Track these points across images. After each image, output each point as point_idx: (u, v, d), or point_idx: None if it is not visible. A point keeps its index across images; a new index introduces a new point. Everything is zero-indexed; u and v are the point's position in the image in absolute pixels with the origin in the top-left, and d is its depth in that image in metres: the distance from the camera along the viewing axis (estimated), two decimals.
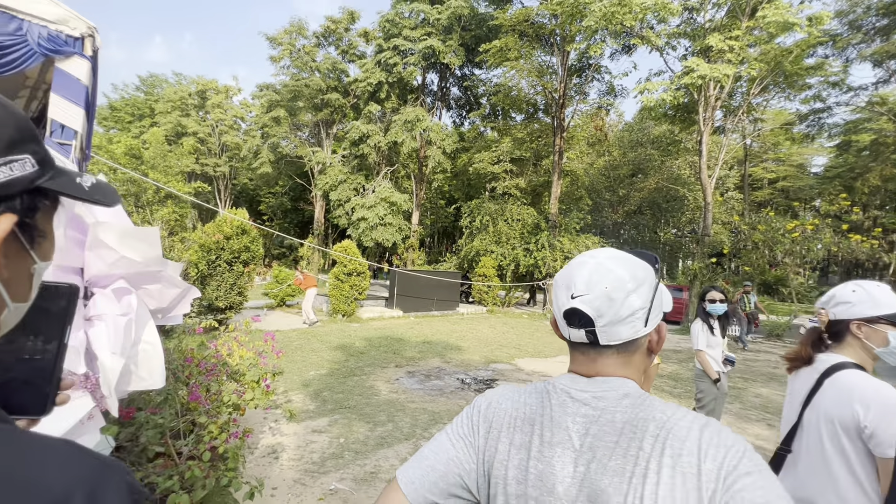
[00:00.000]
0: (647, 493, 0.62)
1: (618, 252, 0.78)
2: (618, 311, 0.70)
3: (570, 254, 16.22)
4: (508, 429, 0.76)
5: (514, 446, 0.74)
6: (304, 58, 26.08)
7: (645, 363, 0.79)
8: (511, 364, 7.81)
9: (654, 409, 0.69)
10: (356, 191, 23.53)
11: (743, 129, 24.04)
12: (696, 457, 0.63)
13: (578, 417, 0.71)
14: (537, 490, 0.70)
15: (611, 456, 0.66)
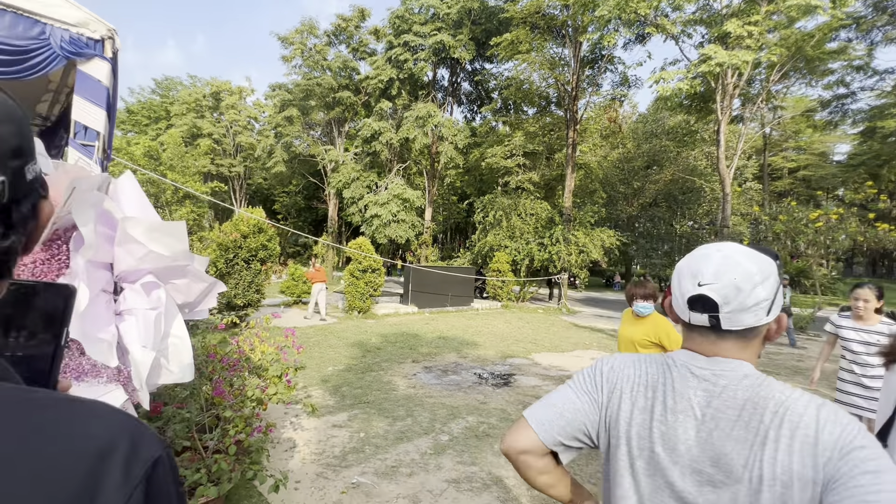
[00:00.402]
0: (767, 457, 0.72)
1: (743, 247, 0.86)
2: (744, 300, 0.79)
3: (585, 247, 16.04)
4: (631, 392, 0.88)
5: (637, 408, 0.86)
6: (315, 57, 26.20)
7: (759, 349, 0.86)
8: (528, 359, 7.77)
9: (773, 388, 0.78)
10: (369, 188, 23.62)
11: (762, 117, 23.45)
12: (813, 429, 0.72)
13: (700, 391, 0.82)
14: (660, 447, 0.82)
15: (733, 426, 0.76)
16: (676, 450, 0.80)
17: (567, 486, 0.99)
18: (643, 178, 28.15)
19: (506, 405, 5.20)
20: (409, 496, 3.14)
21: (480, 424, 4.55)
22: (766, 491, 0.72)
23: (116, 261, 1.35)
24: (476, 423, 4.59)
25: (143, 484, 0.34)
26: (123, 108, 38.04)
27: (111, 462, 0.33)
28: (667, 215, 28.63)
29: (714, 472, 0.77)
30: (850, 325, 3.27)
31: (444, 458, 3.77)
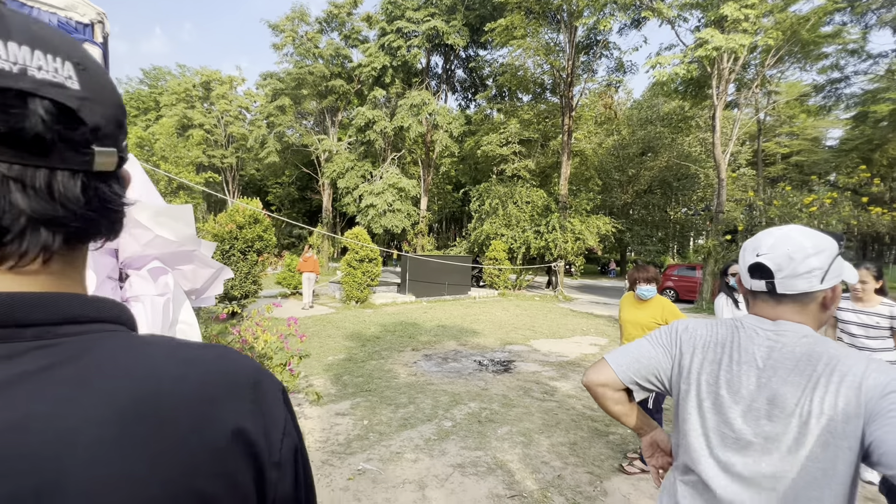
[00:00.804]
0: (816, 398, 0.89)
1: (805, 228, 1.01)
2: (796, 268, 0.95)
3: (582, 235, 16.06)
4: (702, 348, 1.06)
5: (707, 361, 1.05)
6: (306, 45, 25.75)
7: (820, 316, 1.00)
8: (527, 345, 7.81)
9: (828, 346, 0.94)
10: (364, 178, 23.44)
11: (756, 102, 23.42)
12: (859, 377, 0.87)
13: (763, 347, 0.99)
14: (724, 391, 1.00)
15: (789, 373, 0.93)
16: (739, 392, 0.98)
17: (636, 417, 1.19)
18: (638, 165, 28.15)
19: (507, 391, 5.24)
20: (416, 481, 3.17)
21: (483, 410, 4.58)
22: (813, 423, 0.88)
23: (121, 247, 1.32)
24: (478, 408, 4.62)
25: (284, 403, 0.45)
26: None
27: (263, 387, 0.43)
28: (661, 202, 28.72)
29: (770, 409, 0.94)
30: (849, 308, 3.20)
31: (448, 443, 3.79)
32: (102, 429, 0.33)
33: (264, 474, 0.40)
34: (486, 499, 2.98)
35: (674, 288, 16.05)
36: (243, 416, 0.40)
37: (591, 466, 3.47)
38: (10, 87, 0.33)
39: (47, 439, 0.31)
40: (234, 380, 0.41)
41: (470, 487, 3.11)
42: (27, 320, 0.35)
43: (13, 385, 0.32)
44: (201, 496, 0.35)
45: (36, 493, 0.29)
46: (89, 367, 0.35)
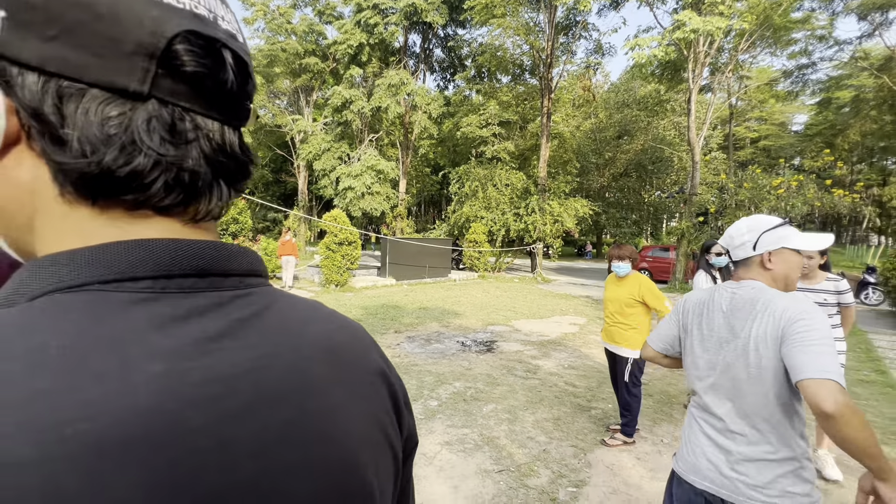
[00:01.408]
0: (754, 328, 1.35)
1: (754, 216, 1.52)
2: (733, 242, 1.52)
3: (560, 217, 16.23)
4: (692, 308, 1.60)
5: (695, 315, 1.56)
6: (278, 20, 24.71)
7: (764, 273, 1.46)
8: (509, 325, 7.91)
9: (767, 292, 1.39)
10: (341, 160, 22.92)
11: (729, 87, 23.91)
12: (779, 311, 1.32)
13: (727, 298, 1.48)
14: (707, 329, 1.50)
15: (740, 311, 1.41)
16: (713, 327, 1.48)
17: (675, 363, 1.72)
18: (615, 149, 28.49)
19: (491, 370, 5.30)
20: None
21: (468, 389, 4.63)
22: (751, 343, 1.35)
23: None
24: (463, 388, 4.67)
25: None
26: None
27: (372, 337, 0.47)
28: (636, 185, 29.25)
29: (728, 336, 1.43)
30: (798, 287, 3.17)
31: (435, 422, 3.82)
32: (322, 367, 0.37)
33: (401, 412, 0.45)
34: (474, 474, 3.03)
35: (648, 269, 16.47)
36: (384, 364, 0.45)
37: (575, 440, 3.56)
38: (215, 38, 0.33)
39: (285, 377, 0.34)
40: (362, 332, 0.46)
41: (458, 464, 3.16)
42: (230, 269, 0.37)
43: (237, 330, 0.34)
44: (381, 424, 0.41)
45: (287, 422, 0.33)
46: (285, 315, 0.39)
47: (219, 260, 0.36)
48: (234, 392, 0.31)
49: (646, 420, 3.95)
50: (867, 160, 34.17)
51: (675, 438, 3.63)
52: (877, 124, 27.04)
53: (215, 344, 0.32)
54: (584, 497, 2.82)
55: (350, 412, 0.38)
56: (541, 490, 2.87)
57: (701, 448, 1.45)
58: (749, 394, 1.34)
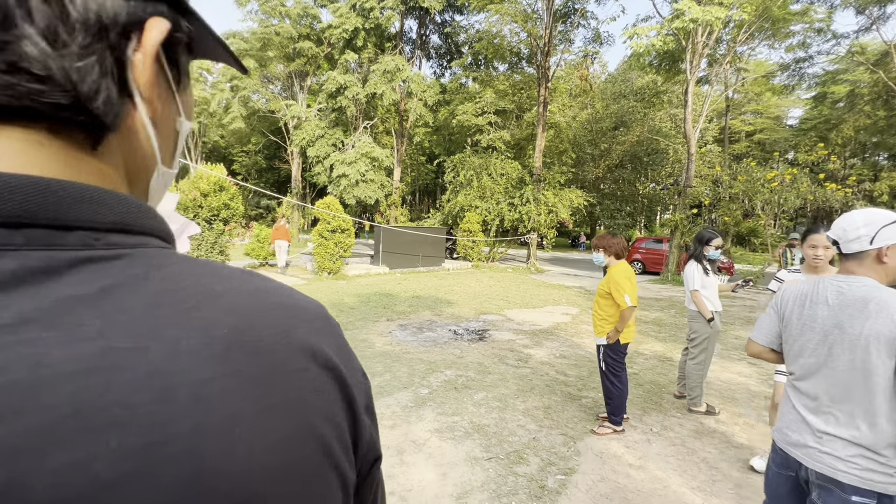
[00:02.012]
0: (867, 326, 1.41)
1: (870, 209, 1.53)
2: (848, 235, 1.51)
3: (555, 207, 16.21)
4: (793, 299, 1.68)
5: (796, 304, 1.65)
6: (272, 2, 24.19)
7: (878, 267, 1.49)
8: (501, 315, 7.91)
9: (880, 292, 1.43)
10: (335, 147, 22.66)
11: (726, 79, 23.85)
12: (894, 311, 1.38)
13: (833, 292, 1.54)
14: (808, 319, 1.58)
15: (849, 307, 1.47)
16: (816, 320, 1.56)
17: (780, 359, 1.76)
18: (610, 140, 28.40)
19: (482, 359, 5.30)
20: (393, 447, 3.17)
21: (459, 377, 4.62)
22: (862, 341, 1.41)
23: None
24: (454, 376, 4.66)
25: None
26: None
27: (333, 322, 0.37)
28: (631, 176, 29.23)
29: (833, 329, 1.50)
30: (804, 280, 3.08)
31: (426, 410, 3.81)
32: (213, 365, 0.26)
33: (357, 419, 0.35)
34: (463, 462, 3.02)
35: (641, 260, 16.55)
36: (336, 355, 0.34)
37: (565, 428, 3.57)
38: None
39: (139, 385, 0.24)
40: (310, 312, 0.35)
41: (448, 451, 3.15)
42: (72, 220, 0.27)
43: (63, 314, 0.24)
44: (320, 439, 0.30)
45: (129, 454, 0.22)
46: (166, 289, 0.28)
47: (48, 205, 0.25)
48: (24, 412, 0.21)
49: (635, 409, 3.97)
50: (860, 155, 34.38)
51: (664, 427, 3.65)
52: (870, 119, 27.15)
53: (9, 335, 0.22)
54: (572, 484, 2.82)
55: (259, 428, 0.27)
56: (530, 477, 2.88)
57: (794, 422, 1.61)
58: (847, 383, 1.45)
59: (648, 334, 6.86)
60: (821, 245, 2.78)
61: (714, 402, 4.12)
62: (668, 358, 5.61)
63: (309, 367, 0.31)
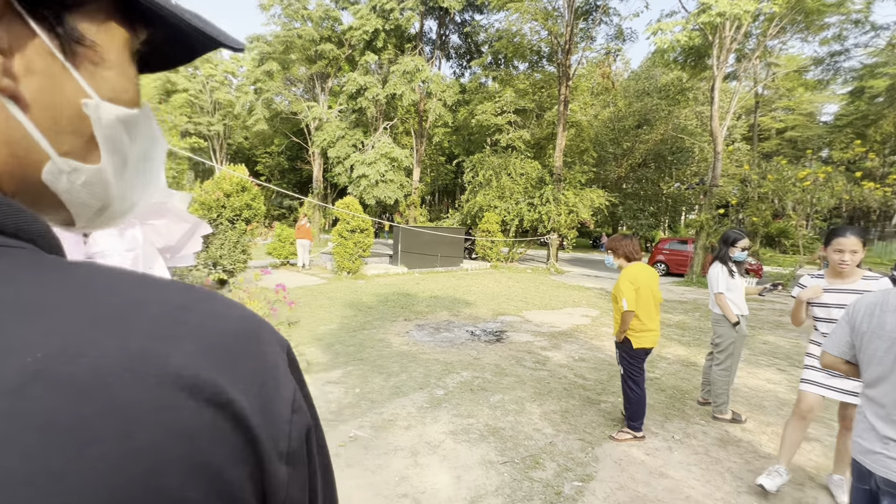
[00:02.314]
0: None
1: None
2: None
3: (575, 207, 15.97)
4: (865, 309, 1.71)
5: (866, 314, 1.69)
6: (294, 5, 24.61)
7: None
8: (519, 316, 7.83)
9: None
10: (355, 147, 22.90)
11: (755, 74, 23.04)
12: None
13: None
14: (877, 328, 1.63)
15: None
16: (884, 328, 1.61)
17: (854, 370, 1.78)
18: (633, 138, 27.82)
19: (499, 360, 5.24)
20: (408, 448, 3.16)
21: (475, 379, 4.58)
22: None
23: None
24: (471, 377, 4.62)
25: (289, 365, 0.33)
26: None
27: (267, 344, 0.31)
28: (655, 176, 28.57)
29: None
30: (827, 287, 2.68)
31: (441, 411, 3.78)
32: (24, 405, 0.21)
33: (266, 470, 0.28)
34: (478, 465, 2.98)
35: (665, 261, 16.15)
36: (231, 384, 0.27)
37: (583, 433, 3.49)
38: None
39: None
40: (213, 331, 0.28)
41: (462, 454, 3.11)
42: None
43: None
44: (173, 499, 0.23)
45: None
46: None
47: None
48: None
49: (657, 415, 3.85)
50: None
51: (686, 435, 3.53)
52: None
53: None
54: (589, 492, 2.75)
55: (47, 493, 0.20)
56: (545, 483, 2.82)
57: (865, 430, 1.65)
58: None
59: (671, 338, 6.67)
60: (848, 249, 2.51)
61: (740, 410, 3.96)
62: (691, 363, 5.44)
63: (178, 404, 0.24)
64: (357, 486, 2.68)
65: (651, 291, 3.38)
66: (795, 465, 3.07)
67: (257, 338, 0.30)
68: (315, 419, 0.34)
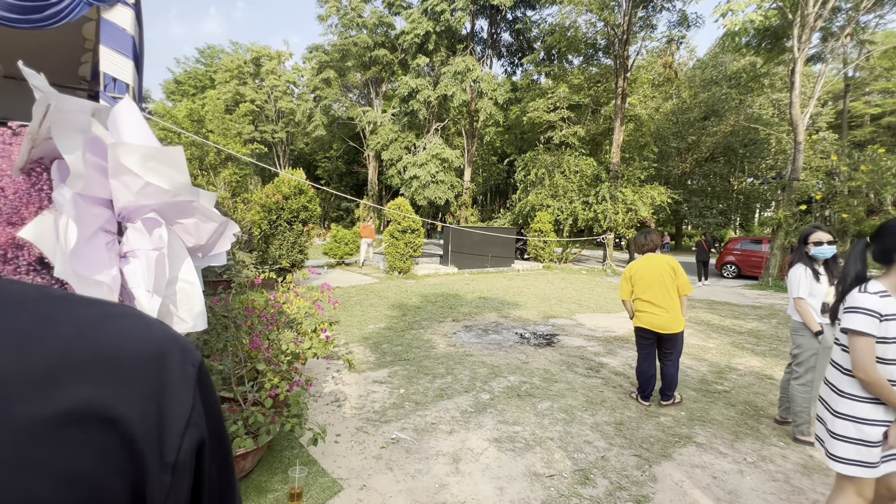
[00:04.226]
0: None
1: None
2: None
3: (634, 206, 15.15)
4: None
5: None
6: (350, 14, 25.49)
7: None
8: (571, 319, 7.50)
9: None
10: (407, 149, 23.28)
11: (845, 55, 20.68)
12: None
13: None
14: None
15: None
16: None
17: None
18: (699, 131, 25.99)
19: (549, 365, 5.02)
20: (450, 454, 3.07)
21: (522, 384, 4.40)
22: None
23: (114, 196, 1.20)
24: (518, 382, 4.45)
25: (196, 383, 0.36)
26: (172, 80, 39.18)
27: (170, 363, 0.34)
28: (724, 170, 26.51)
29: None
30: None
31: (485, 416, 3.66)
32: None
33: (149, 479, 0.30)
34: (522, 476, 2.83)
35: (735, 263, 14.89)
36: (118, 405, 0.29)
37: (639, 449, 3.22)
38: None
39: None
40: (114, 352, 0.30)
41: (506, 463, 2.97)
42: None
43: None
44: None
45: None
46: None
47: None
48: None
49: (725, 433, 3.48)
50: None
51: (761, 458, 3.15)
52: None
53: None
54: None
55: None
56: (596, 501, 2.61)
57: None
58: None
59: (743, 347, 6.07)
60: None
61: None
62: (767, 375, 4.90)
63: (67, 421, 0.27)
64: (396, 492, 2.63)
65: (650, 278, 3.81)
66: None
67: (159, 357, 0.32)
68: (216, 433, 0.36)
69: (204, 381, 0.37)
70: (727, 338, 6.62)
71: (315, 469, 2.80)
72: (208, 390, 0.37)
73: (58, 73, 4.27)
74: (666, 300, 3.78)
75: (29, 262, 1.07)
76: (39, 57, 4.07)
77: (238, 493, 0.39)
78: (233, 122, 22.47)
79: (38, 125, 1.01)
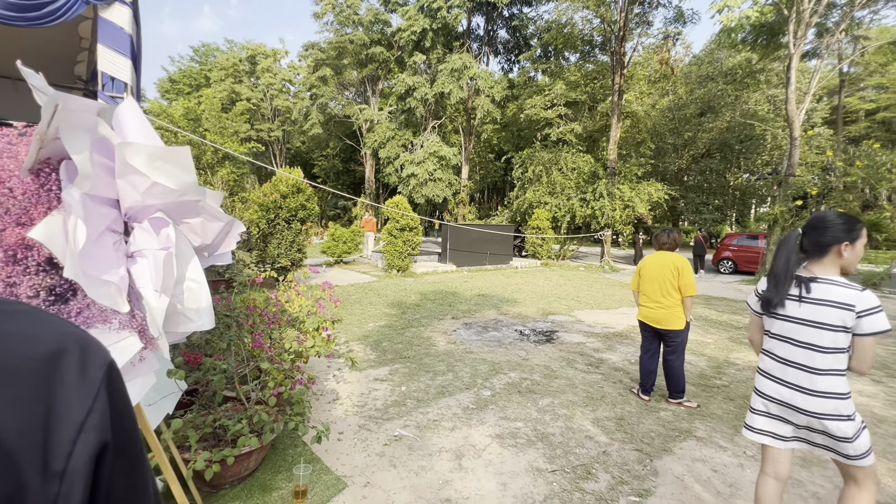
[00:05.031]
0: None
1: None
2: None
3: (631, 202, 15.19)
4: None
5: None
6: (346, 11, 25.38)
7: None
8: (570, 315, 7.52)
9: None
10: (404, 147, 23.23)
11: (840, 51, 20.75)
12: None
13: None
14: None
15: None
16: None
17: None
18: (695, 127, 26.06)
19: (549, 361, 5.04)
20: (452, 450, 3.08)
21: (523, 380, 4.42)
22: None
23: (121, 196, 1.21)
24: (518, 379, 4.47)
25: (104, 385, 0.33)
26: (166, 78, 38.89)
27: (66, 364, 0.31)
28: (720, 167, 26.60)
29: None
30: None
31: (487, 413, 3.68)
32: None
33: (28, 489, 0.28)
34: (525, 472, 2.85)
35: (732, 258, 14.97)
36: None
37: (640, 444, 3.24)
38: None
39: None
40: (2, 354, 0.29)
41: (508, 459, 2.99)
42: None
43: None
44: None
45: None
46: None
47: None
48: None
49: (725, 427, 3.52)
50: None
51: (760, 451, 3.17)
52: None
53: None
54: None
55: None
56: (598, 496, 2.63)
57: None
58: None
59: (741, 342, 6.12)
60: None
61: None
62: None
63: None
64: (400, 489, 2.64)
65: (653, 274, 3.91)
66: None
67: (52, 357, 0.30)
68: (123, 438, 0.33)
69: (114, 382, 0.34)
70: (725, 333, 6.66)
71: (319, 467, 2.81)
72: (118, 392, 0.34)
73: (53, 73, 4.24)
74: (661, 296, 3.86)
75: (38, 263, 1.08)
76: (35, 56, 4.04)
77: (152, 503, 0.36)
78: (229, 121, 22.37)
79: (47, 125, 1.01)
